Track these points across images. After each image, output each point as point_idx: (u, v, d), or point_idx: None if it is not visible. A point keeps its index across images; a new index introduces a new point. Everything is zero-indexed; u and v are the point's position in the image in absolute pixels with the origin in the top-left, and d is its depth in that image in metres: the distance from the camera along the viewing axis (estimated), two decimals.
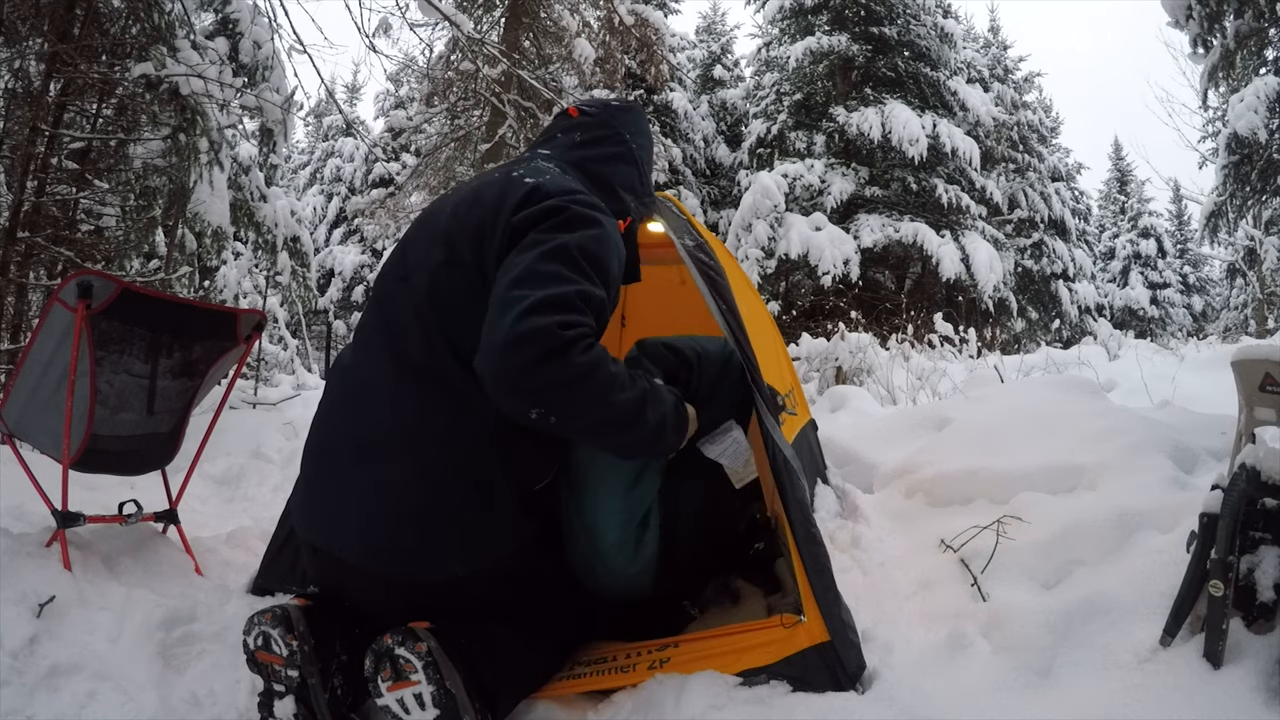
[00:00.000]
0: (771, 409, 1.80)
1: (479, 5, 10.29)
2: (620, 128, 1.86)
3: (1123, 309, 24.79)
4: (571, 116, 1.88)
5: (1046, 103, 23.33)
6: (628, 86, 15.88)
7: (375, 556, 1.48)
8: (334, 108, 10.58)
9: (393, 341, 1.56)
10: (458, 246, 1.55)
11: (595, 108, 1.90)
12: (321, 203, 22.71)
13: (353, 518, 1.49)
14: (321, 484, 1.58)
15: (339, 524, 1.51)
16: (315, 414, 1.67)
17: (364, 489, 1.49)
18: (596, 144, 1.82)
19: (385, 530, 1.47)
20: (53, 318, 2.09)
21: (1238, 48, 6.16)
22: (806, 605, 1.56)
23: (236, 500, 3.45)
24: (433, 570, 1.48)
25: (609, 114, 1.88)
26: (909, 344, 6.93)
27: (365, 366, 1.59)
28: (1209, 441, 2.41)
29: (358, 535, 1.48)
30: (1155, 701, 1.32)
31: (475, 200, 1.61)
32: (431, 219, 1.69)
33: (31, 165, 4.21)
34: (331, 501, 1.54)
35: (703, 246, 2.13)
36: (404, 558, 1.48)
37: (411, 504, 1.47)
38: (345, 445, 1.55)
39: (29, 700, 1.53)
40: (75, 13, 4.24)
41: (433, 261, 1.56)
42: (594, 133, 1.83)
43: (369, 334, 1.64)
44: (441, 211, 1.68)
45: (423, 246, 1.62)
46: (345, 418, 1.58)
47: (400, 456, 1.48)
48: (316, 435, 1.65)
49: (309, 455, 1.65)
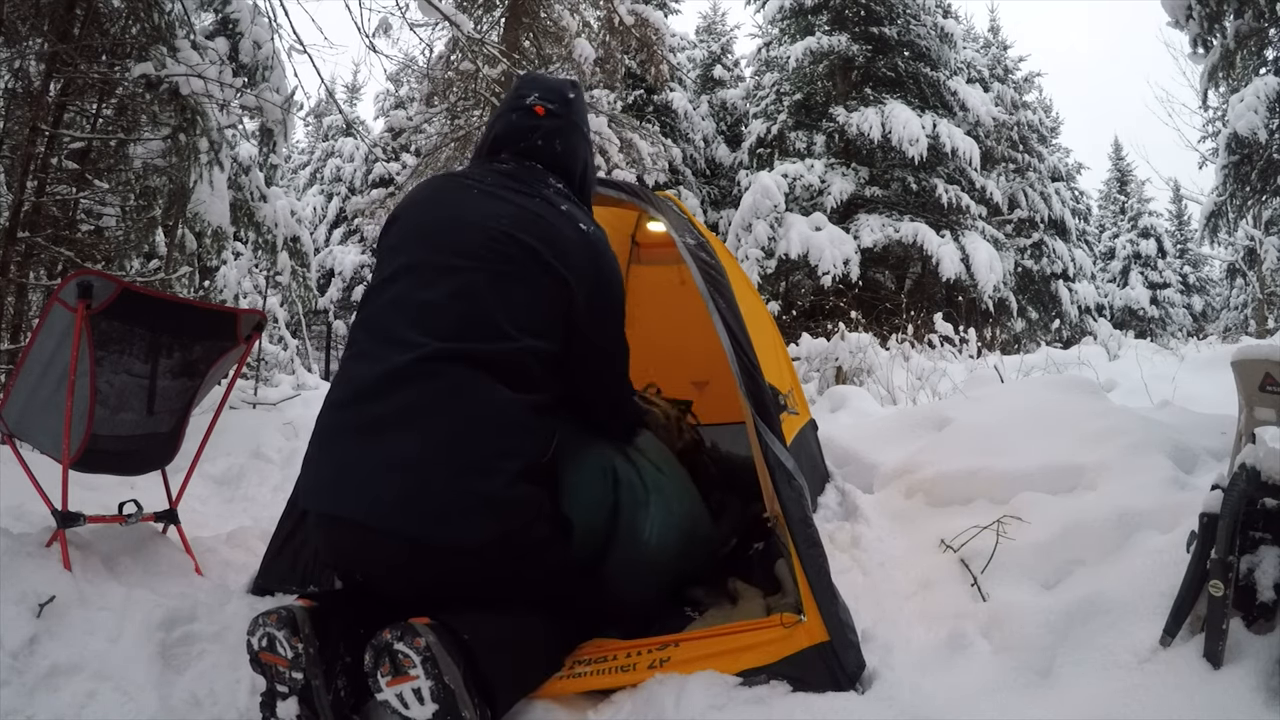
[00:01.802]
0: (773, 408, 1.80)
1: (479, 5, 10.29)
2: (580, 121, 2.01)
3: (1123, 309, 24.79)
4: (539, 117, 1.92)
5: (1046, 103, 23.35)
6: (628, 86, 15.91)
7: (394, 517, 1.51)
8: (334, 108, 10.58)
9: (435, 327, 1.62)
10: (525, 254, 1.70)
11: (558, 103, 1.96)
12: (321, 203, 22.70)
13: (374, 482, 1.53)
14: (342, 454, 1.60)
15: (359, 489, 1.54)
16: (334, 388, 1.70)
17: (388, 454, 1.53)
18: (573, 153, 1.96)
19: (407, 491, 1.51)
20: (53, 318, 2.09)
21: (1238, 48, 6.15)
22: (806, 605, 1.56)
23: (236, 500, 3.45)
24: (451, 532, 1.52)
25: (571, 111, 1.97)
26: (909, 344, 6.94)
27: (397, 345, 1.62)
28: (1209, 441, 2.41)
29: (378, 498, 1.52)
30: (1155, 701, 1.32)
31: (532, 218, 1.75)
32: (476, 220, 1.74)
33: (31, 165, 4.21)
34: (352, 469, 1.56)
35: (704, 245, 2.13)
36: (423, 518, 1.51)
37: (435, 467, 1.52)
38: (372, 417, 1.58)
39: (29, 700, 1.53)
40: (75, 13, 4.24)
41: (496, 266, 1.68)
42: (570, 140, 1.96)
43: (395, 315, 1.67)
44: (486, 216, 1.75)
45: (477, 247, 1.70)
46: (376, 394, 1.60)
47: (426, 423, 1.54)
48: (337, 413, 1.66)
49: (328, 430, 1.66)
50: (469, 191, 1.82)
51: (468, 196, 1.81)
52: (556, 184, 1.88)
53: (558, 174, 1.92)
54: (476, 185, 1.83)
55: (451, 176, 1.92)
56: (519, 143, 1.92)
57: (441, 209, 1.81)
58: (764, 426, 1.76)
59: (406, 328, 1.63)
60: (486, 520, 1.54)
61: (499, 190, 1.80)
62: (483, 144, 2.00)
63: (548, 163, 1.92)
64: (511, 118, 1.94)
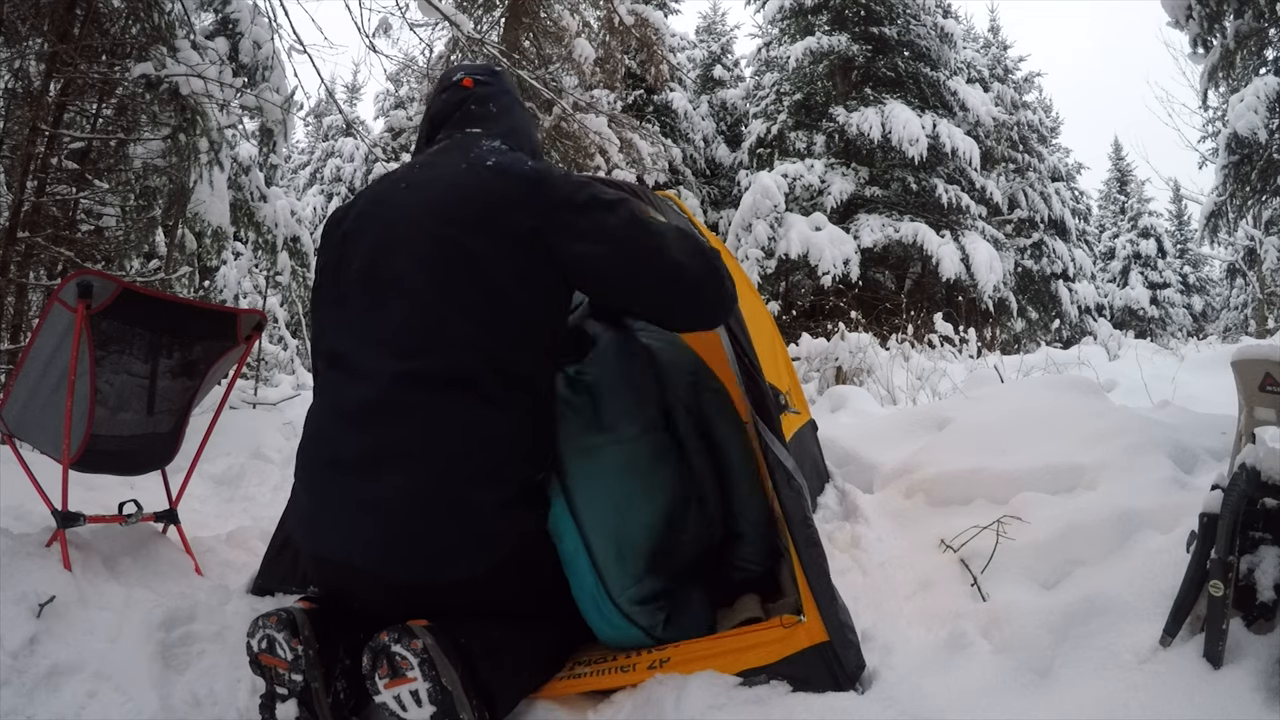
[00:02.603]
0: (773, 408, 1.80)
1: (479, 5, 10.29)
2: (511, 89, 1.97)
3: (1123, 309, 24.79)
4: (468, 88, 1.90)
5: (1046, 103, 23.36)
6: (628, 86, 15.90)
7: (389, 562, 1.49)
8: (334, 108, 10.58)
9: (394, 346, 1.55)
10: (462, 244, 1.56)
11: (485, 75, 1.94)
12: (321, 203, 22.67)
13: (364, 526, 1.49)
14: (328, 496, 1.56)
15: (349, 534, 1.51)
16: (310, 424, 1.65)
17: (376, 496, 1.49)
18: (508, 112, 1.90)
19: (400, 535, 1.48)
20: (52, 318, 2.09)
21: (1238, 48, 6.16)
22: (806, 605, 1.56)
23: (236, 500, 3.45)
24: (448, 570, 1.50)
25: (500, 80, 1.96)
26: (909, 344, 6.94)
27: (359, 378, 1.56)
28: (1209, 441, 2.41)
29: (370, 543, 1.49)
30: (1155, 701, 1.32)
31: (463, 197, 1.62)
32: (407, 219, 1.64)
33: (31, 165, 4.21)
34: (340, 512, 1.53)
35: None
36: (419, 561, 1.49)
37: (427, 507, 1.48)
38: (352, 456, 1.53)
39: (29, 700, 1.53)
40: (75, 13, 4.23)
41: (435, 265, 1.57)
42: (501, 101, 1.90)
43: (351, 341, 1.61)
44: (415, 211, 1.64)
45: (412, 249, 1.60)
46: (350, 429, 1.55)
47: (414, 461, 1.49)
48: (317, 446, 1.62)
49: (311, 466, 1.61)
50: (399, 188, 1.72)
51: (398, 195, 1.71)
52: (491, 143, 1.76)
53: (497, 136, 1.81)
54: (406, 180, 1.73)
55: (385, 178, 1.82)
56: (453, 114, 1.87)
57: (378, 216, 1.70)
58: (764, 426, 1.76)
59: (365, 354, 1.57)
60: (475, 556, 1.50)
61: (429, 178, 1.70)
62: (421, 133, 1.96)
63: (484, 126, 1.83)
64: (442, 97, 1.91)
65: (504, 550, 1.54)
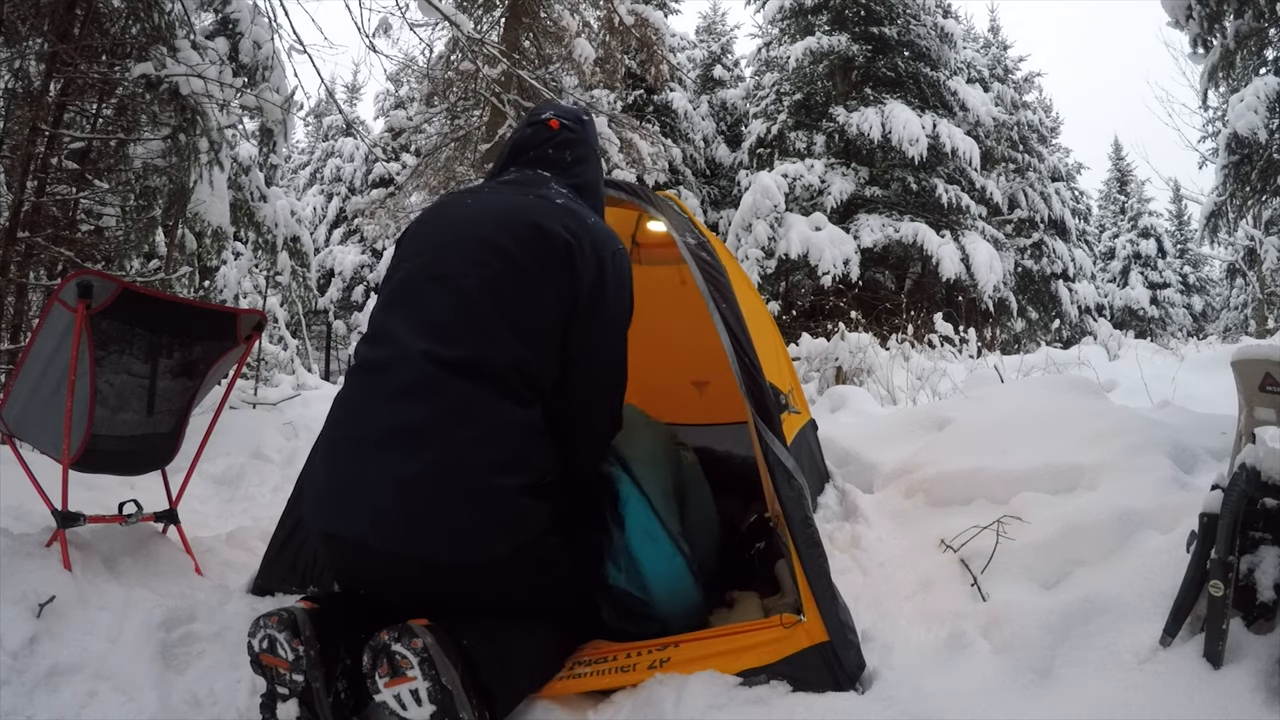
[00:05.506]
0: (774, 408, 1.80)
1: (479, 5, 10.29)
2: (592, 141, 2.07)
3: (1123, 309, 24.79)
4: (553, 129, 1.99)
5: (1046, 103, 23.34)
6: (628, 86, 15.90)
7: (396, 535, 1.51)
8: (334, 108, 10.58)
9: (431, 336, 1.61)
10: (514, 255, 1.69)
11: (573, 121, 2.04)
12: (321, 203, 22.69)
13: (383, 501, 1.52)
14: (350, 473, 1.58)
15: (359, 507, 1.54)
16: (335, 408, 1.69)
17: (402, 472, 1.52)
18: (583, 163, 2.00)
19: (409, 509, 1.51)
20: (53, 318, 2.09)
21: (1238, 48, 6.15)
22: (806, 605, 1.56)
23: (236, 500, 3.45)
24: (462, 551, 1.52)
25: (584, 130, 2.06)
26: (909, 344, 6.94)
27: (399, 359, 1.62)
28: (1209, 441, 2.41)
29: (388, 519, 1.51)
30: (1155, 701, 1.32)
31: (524, 214, 1.75)
32: (468, 228, 1.76)
33: (31, 165, 4.21)
34: (360, 488, 1.55)
35: (704, 245, 2.13)
36: (427, 537, 1.51)
37: (450, 485, 1.51)
38: (383, 431, 1.57)
39: (29, 700, 1.53)
40: (75, 13, 4.23)
41: (488, 270, 1.68)
42: (579, 151, 2.01)
43: (397, 327, 1.67)
44: (477, 221, 1.77)
45: (468, 253, 1.71)
46: (384, 406, 1.59)
47: (442, 440, 1.53)
48: (344, 424, 1.65)
49: (335, 443, 1.65)
50: (465, 204, 1.85)
51: (464, 208, 1.83)
52: (560, 188, 1.89)
53: (565, 184, 1.92)
54: (472, 196, 1.87)
55: (455, 193, 1.97)
56: (530, 150, 1.98)
57: (441, 223, 1.83)
58: (764, 426, 1.76)
59: (408, 341, 1.63)
60: (491, 538, 1.53)
61: (495, 199, 1.83)
62: (499, 159, 2.06)
63: (556, 170, 1.95)
64: (527, 130, 2.02)
65: (518, 536, 1.56)
